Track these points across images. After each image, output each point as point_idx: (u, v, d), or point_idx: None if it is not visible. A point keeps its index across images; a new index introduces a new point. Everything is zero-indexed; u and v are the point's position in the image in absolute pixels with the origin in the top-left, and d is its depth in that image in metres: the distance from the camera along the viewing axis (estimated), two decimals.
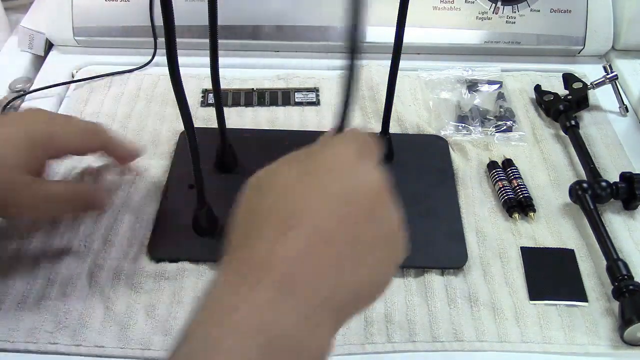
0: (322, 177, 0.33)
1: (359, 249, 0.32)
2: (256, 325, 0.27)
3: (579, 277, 0.55)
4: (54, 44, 0.81)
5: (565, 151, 0.68)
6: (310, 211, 0.31)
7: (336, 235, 0.31)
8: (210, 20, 0.51)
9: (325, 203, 0.32)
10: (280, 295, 0.29)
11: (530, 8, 0.78)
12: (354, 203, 0.32)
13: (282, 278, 0.29)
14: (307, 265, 0.30)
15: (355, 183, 0.33)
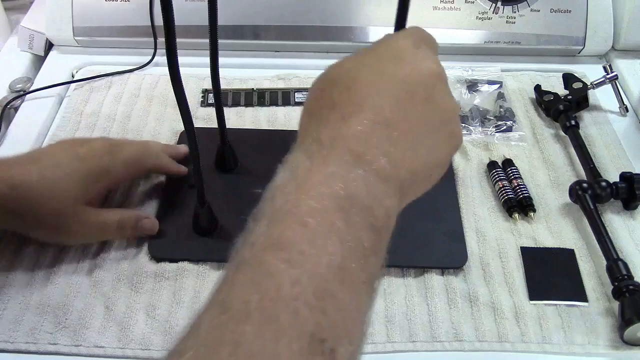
0: (382, 65, 0.36)
1: (416, 130, 0.35)
2: (329, 190, 0.31)
3: (579, 277, 0.55)
4: (54, 44, 0.81)
5: (565, 151, 0.68)
6: (372, 96, 0.34)
7: (396, 117, 0.34)
8: (210, 21, 0.51)
9: (385, 87, 0.34)
10: (349, 167, 0.32)
11: (530, 8, 0.78)
12: (412, 88, 0.35)
13: (348, 153, 0.32)
14: (369, 143, 0.33)
15: (414, 69, 0.36)
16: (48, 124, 0.71)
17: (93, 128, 0.70)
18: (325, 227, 0.30)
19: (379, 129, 0.33)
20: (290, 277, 0.28)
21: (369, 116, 0.33)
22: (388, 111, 0.34)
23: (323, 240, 0.29)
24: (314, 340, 0.27)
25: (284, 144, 0.67)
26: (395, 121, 0.34)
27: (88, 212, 0.54)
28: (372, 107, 0.34)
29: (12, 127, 0.70)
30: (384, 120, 0.33)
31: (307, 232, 0.29)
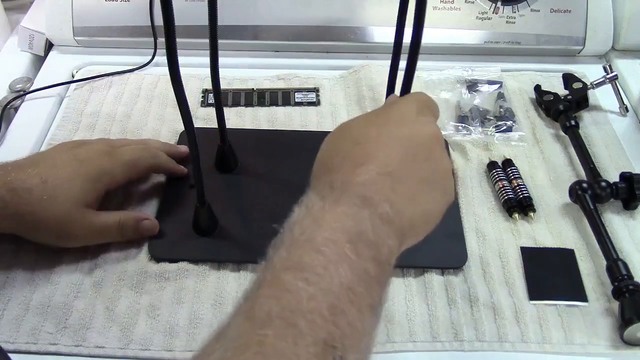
0: (389, 126, 0.41)
1: (416, 184, 0.40)
2: (341, 225, 0.35)
3: (579, 277, 0.55)
4: (54, 44, 0.81)
5: (565, 151, 0.68)
6: (379, 151, 0.39)
7: (399, 171, 0.39)
8: (210, 21, 0.51)
9: (391, 145, 0.40)
10: (357, 208, 0.36)
11: (530, 8, 0.78)
12: (414, 146, 0.40)
13: (357, 197, 0.37)
14: (375, 190, 0.37)
15: (416, 131, 0.41)
16: (48, 124, 0.71)
17: (93, 128, 0.70)
18: (337, 255, 0.34)
19: (383, 179, 0.38)
20: (307, 293, 0.32)
21: (375, 168, 0.38)
22: (392, 165, 0.39)
23: (335, 265, 0.33)
24: (327, 346, 0.31)
25: (284, 144, 0.67)
26: (398, 174, 0.39)
27: (88, 215, 0.54)
28: (378, 161, 0.39)
29: (12, 127, 0.70)
30: (389, 173, 0.38)
31: (322, 258, 0.33)
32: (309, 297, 0.32)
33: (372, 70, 0.76)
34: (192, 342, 0.50)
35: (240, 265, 0.56)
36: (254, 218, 0.59)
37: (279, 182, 0.62)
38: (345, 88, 0.76)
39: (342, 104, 0.74)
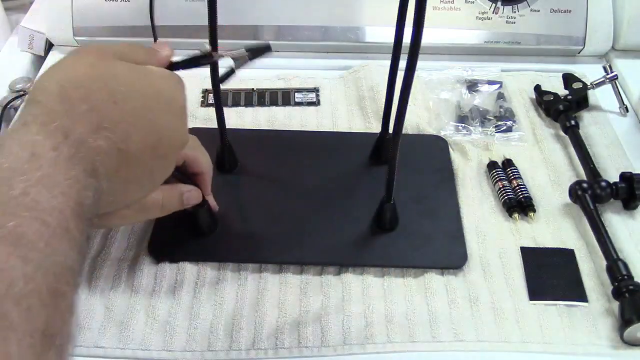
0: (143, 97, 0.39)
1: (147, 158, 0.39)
2: (69, 194, 0.32)
3: (579, 277, 0.55)
4: (54, 44, 0.81)
5: (565, 151, 0.68)
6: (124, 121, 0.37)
7: (133, 146, 0.38)
8: (210, 21, 0.51)
9: (136, 116, 0.38)
10: (86, 177, 0.34)
11: (530, 8, 0.78)
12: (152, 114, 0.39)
13: (89, 163, 0.35)
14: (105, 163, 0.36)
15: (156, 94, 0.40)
16: None
17: None
18: (61, 228, 0.30)
19: (117, 157, 0.36)
20: (23, 274, 0.27)
21: (117, 140, 0.36)
22: (134, 146, 0.37)
23: (59, 240, 0.30)
24: (45, 337, 0.27)
25: (284, 144, 0.67)
26: (132, 158, 0.37)
27: None
28: (124, 133, 0.37)
29: None
30: (125, 152, 0.37)
31: (45, 231, 0.29)
32: (26, 278, 0.27)
33: (372, 70, 0.76)
34: (192, 342, 0.50)
35: (240, 265, 0.56)
36: (254, 218, 0.59)
37: (278, 182, 0.62)
38: (345, 88, 0.76)
39: (342, 104, 0.74)
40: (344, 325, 0.51)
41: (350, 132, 0.70)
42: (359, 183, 0.62)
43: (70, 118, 0.34)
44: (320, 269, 0.56)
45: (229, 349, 0.50)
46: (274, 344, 0.50)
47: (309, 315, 0.52)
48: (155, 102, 0.39)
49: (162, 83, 0.40)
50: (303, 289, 0.54)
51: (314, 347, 0.50)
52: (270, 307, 0.53)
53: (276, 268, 0.56)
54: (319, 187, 0.62)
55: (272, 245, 0.56)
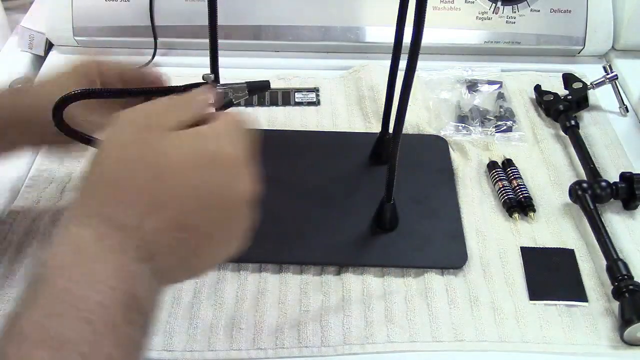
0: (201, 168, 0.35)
1: (205, 239, 0.36)
2: (117, 287, 0.30)
3: (579, 277, 0.55)
4: (54, 44, 0.81)
5: (565, 151, 0.68)
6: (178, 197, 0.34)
7: (192, 223, 0.34)
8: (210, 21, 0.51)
9: (192, 195, 0.35)
10: (137, 265, 0.32)
11: (530, 8, 0.78)
12: (219, 203, 0.36)
13: (142, 249, 0.32)
14: (161, 244, 0.33)
15: (226, 187, 0.36)
16: None
17: None
18: (106, 326, 0.29)
19: (171, 233, 0.33)
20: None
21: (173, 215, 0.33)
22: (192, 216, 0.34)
23: (103, 339, 0.28)
24: None
25: (284, 143, 0.67)
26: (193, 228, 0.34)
27: None
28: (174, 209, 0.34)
29: None
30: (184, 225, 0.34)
31: (90, 331, 0.28)
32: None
33: (372, 70, 0.76)
34: (192, 342, 0.50)
35: (239, 265, 0.56)
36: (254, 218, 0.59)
37: (278, 182, 0.62)
38: (345, 88, 0.76)
39: (342, 104, 0.74)
40: (344, 325, 0.51)
41: (350, 132, 0.70)
42: (359, 183, 0.62)
43: (116, 204, 0.33)
44: (320, 269, 0.56)
45: (229, 349, 0.50)
46: (274, 344, 0.50)
47: (309, 315, 0.52)
48: (204, 166, 0.35)
49: (208, 144, 0.36)
50: (303, 289, 0.54)
51: (314, 347, 0.50)
52: (270, 307, 0.53)
53: (276, 268, 0.56)
54: (319, 187, 0.62)
55: (272, 245, 0.56)
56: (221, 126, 0.38)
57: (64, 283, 0.29)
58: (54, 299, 0.28)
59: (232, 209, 0.37)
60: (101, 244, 0.31)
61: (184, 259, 0.35)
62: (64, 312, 0.28)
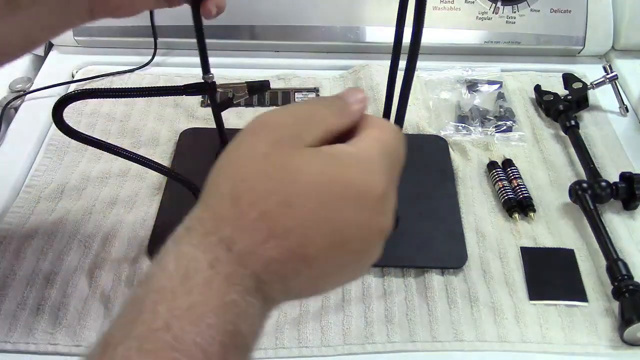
0: (340, 200, 0.30)
1: (329, 270, 0.32)
2: (219, 325, 0.27)
3: (579, 277, 0.55)
4: (54, 44, 0.81)
5: (565, 151, 0.68)
6: (308, 227, 0.30)
7: (317, 256, 0.30)
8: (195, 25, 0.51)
9: (325, 226, 0.30)
10: (246, 297, 0.29)
11: (530, 8, 0.78)
12: (353, 239, 0.31)
13: (254, 280, 0.29)
14: (278, 273, 0.29)
15: (367, 224, 0.32)
16: (48, 124, 0.70)
17: (93, 128, 0.70)
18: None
19: (292, 261, 0.29)
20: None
21: (292, 247, 0.29)
22: (312, 249, 0.30)
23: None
24: None
25: None
26: (313, 259, 0.30)
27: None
28: (300, 238, 0.29)
29: (12, 127, 0.70)
30: (304, 256, 0.30)
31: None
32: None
33: (372, 70, 0.76)
34: None
35: None
36: None
37: None
38: (345, 88, 0.76)
39: None
40: (343, 325, 0.51)
41: None
42: None
43: (237, 228, 0.29)
44: None
45: None
46: (273, 344, 0.50)
47: (309, 315, 0.52)
48: (340, 197, 0.30)
49: (351, 171, 0.31)
50: None
51: (314, 347, 0.50)
52: None
53: None
54: None
55: None
56: (373, 148, 0.32)
57: (163, 315, 0.27)
58: (150, 332, 0.26)
59: (364, 249, 0.32)
60: (213, 272, 0.28)
61: (298, 288, 0.31)
62: (158, 350, 0.26)
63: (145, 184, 0.63)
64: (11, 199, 0.62)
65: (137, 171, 0.64)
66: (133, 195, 0.62)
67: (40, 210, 0.60)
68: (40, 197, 0.62)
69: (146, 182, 0.63)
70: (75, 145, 0.66)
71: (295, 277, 0.30)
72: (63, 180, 0.63)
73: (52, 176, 0.64)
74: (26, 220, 0.59)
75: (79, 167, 0.65)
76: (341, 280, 0.34)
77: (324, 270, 0.31)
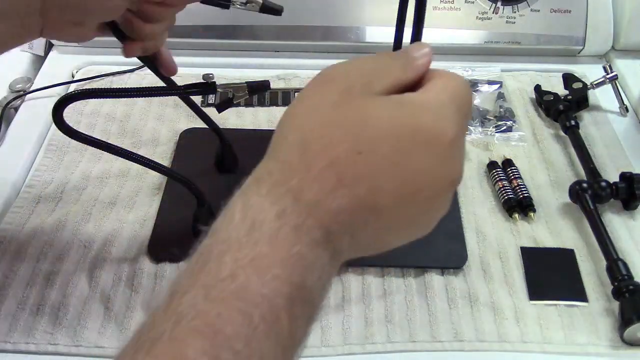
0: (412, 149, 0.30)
1: (399, 223, 0.31)
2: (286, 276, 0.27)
3: (579, 277, 0.55)
4: (54, 44, 0.81)
5: (565, 151, 0.68)
6: (377, 177, 0.29)
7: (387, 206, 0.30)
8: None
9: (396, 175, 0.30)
10: (315, 248, 0.28)
11: (530, 8, 0.78)
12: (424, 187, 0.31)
13: (322, 230, 0.28)
14: (346, 223, 0.29)
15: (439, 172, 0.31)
16: (48, 124, 0.70)
17: (93, 128, 0.70)
18: (268, 322, 0.26)
19: (361, 212, 0.29)
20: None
21: (361, 196, 0.29)
22: (382, 199, 0.29)
23: (261, 337, 0.26)
24: None
25: None
26: (383, 211, 0.30)
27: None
28: (369, 187, 0.29)
29: (12, 127, 0.70)
30: (373, 206, 0.29)
31: (248, 326, 0.25)
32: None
33: None
34: None
35: None
36: None
37: None
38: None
39: None
40: (344, 325, 0.51)
41: None
42: None
43: (306, 177, 0.28)
44: None
45: None
46: None
47: None
48: (411, 143, 0.30)
49: (421, 117, 0.30)
50: None
51: (314, 347, 0.50)
52: None
53: None
54: None
55: None
56: (442, 95, 0.31)
57: (229, 265, 0.26)
58: (216, 281, 0.26)
59: (433, 199, 0.32)
60: (280, 223, 0.27)
61: (365, 241, 0.31)
62: (224, 299, 0.26)
63: (145, 184, 0.63)
64: (11, 199, 0.62)
65: (137, 171, 0.64)
66: (133, 195, 0.62)
67: (40, 210, 0.60)
68: (40, 197, 0.62)
69: (146, 182, 0.63)
70: (75, 145, 0.66)
71: (363, 228, 0.30)
72: (63, 180, 0.63)
73: (52, 176, 0.64)
74: (26, 220, 0.59)
75: (79, 167, 0.65)
76: (408, 234, 0.33)
77: (393, 221, 0.31)
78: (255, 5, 0.52)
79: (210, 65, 0.78)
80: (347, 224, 0.29)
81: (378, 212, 0.29)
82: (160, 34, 0.50)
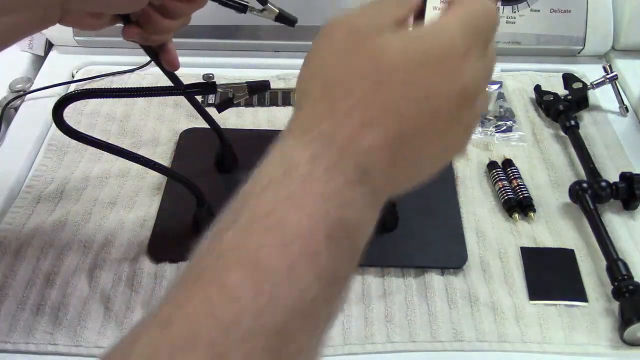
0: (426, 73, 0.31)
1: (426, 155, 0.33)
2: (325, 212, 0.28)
3: (579, 277, 0.55)
4: (54, 44, 0.81)
5: (565, 151, 0.68)
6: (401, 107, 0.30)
7: (414, 137, 0.31)
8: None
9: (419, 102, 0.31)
10: (352, 186, 0.29)
11: (530, 8, 0.78)
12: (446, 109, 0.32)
13: (357, 168, 0.29)
14: (378, 161, 0.30)
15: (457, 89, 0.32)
16: (48, 124, 0.70)
17: (93, 128, 0.70)
18: (306, 255, 0.26)
19: (391, 148, 0.30)
20: (254, 308, 0.25)
21: (390, 130, 0.30)
22: (408, 123, 0.30)
23: (301, 270, 0.26)
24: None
25: None
26: (411, 138, 0.31)
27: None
28: (396, 120, 0.30)
29: (12, 127, 0.70)
30: (400, 136, 0.30)
31: (287, 259, 0.26)
32: (254, 313, 0.25)
33: None
34: None
35: None
36: None
37: None
38: None
39: None
40: (344, 325, 0.51)
41: None
42: None
43: (333, 122, 0.30)
44: None
45: None
46: None
47: None
48: (421, 65, 0.31)
49: (430, 39, 0.32)
50: None
51: None
52: None
53: None
54: None
55: None
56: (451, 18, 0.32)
57: (268, 202, 0.28)
58: (255, 217, 0.27)
59: (454, 117, 0.32)
60: (314, 165, 0.28)
61: (401, 173, 0.32)
62: (262, 234, 0.27)
63: (145, 184, 0.63)
64: (11, 199, 0.62)
65: (137, 171, 0.64)
66: (133, 195, 0.62)
67: (40, 210, 0.60)
68: (40, 197, 0.62)
69: (146, 182, 0.63)
70: (75, 145, 0.67)
71: (395, 162, 0.31)
72: (63, 180, 0.63)
73: (52, 176, 0.64)
74: (26, 220, 0.59)
75: (79, 167, 0.65)
76: (439, 158, 0.35)
77: (422, 147, 0.32)
78: (271, 14, 0.52)
79: (210, 65, 0.78)
80: (378, 160, 0.30)
81: (405, 141, 0.31)
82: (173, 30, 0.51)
